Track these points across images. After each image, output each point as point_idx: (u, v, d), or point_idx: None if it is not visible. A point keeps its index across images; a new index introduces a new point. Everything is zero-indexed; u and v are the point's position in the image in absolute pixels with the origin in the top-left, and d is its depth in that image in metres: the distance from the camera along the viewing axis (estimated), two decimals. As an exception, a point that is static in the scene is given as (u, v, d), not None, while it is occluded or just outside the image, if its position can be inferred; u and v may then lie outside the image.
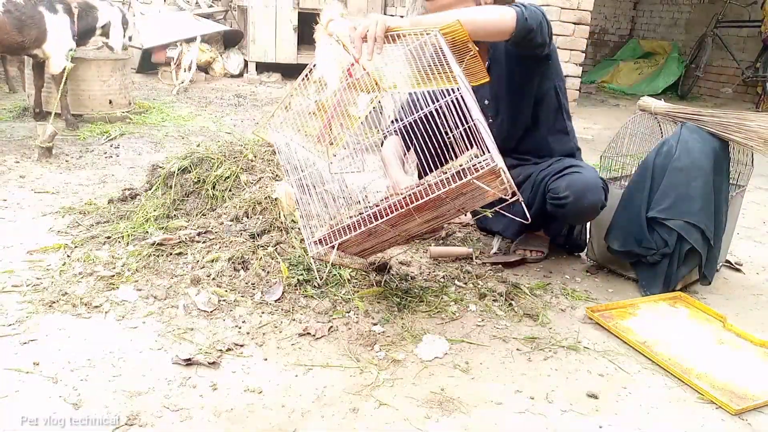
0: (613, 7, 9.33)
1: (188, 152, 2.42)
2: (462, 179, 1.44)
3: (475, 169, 1.43)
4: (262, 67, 6.82)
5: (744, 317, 2.01)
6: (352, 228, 1.57)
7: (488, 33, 1.80)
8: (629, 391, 1.53)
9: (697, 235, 2.01)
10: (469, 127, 1.48)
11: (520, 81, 2.12)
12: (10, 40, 3.25)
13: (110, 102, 4.01)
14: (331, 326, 1.70)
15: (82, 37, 3.67)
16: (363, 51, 1.63)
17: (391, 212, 1.52)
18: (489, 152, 1.42)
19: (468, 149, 1.51)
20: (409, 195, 1.49)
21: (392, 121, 2.18)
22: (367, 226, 1.54)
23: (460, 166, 1.46)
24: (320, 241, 1.63)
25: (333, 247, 1.62)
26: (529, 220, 1.59)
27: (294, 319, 1.72)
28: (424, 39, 1.61)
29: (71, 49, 3.52)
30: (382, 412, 1.37)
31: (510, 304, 1.90)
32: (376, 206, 1.55)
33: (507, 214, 1.71)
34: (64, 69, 3.51)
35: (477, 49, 1.70)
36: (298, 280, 1.88)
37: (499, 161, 1.42)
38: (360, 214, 1.57)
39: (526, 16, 1.79)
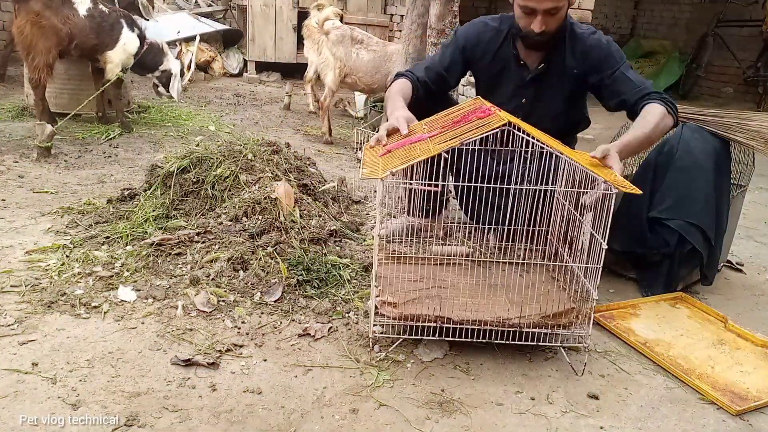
0: (614, 7, 9.31)
1: (187, 152, 2.41)
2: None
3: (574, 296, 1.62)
4: (262, 67, 6.81)
5: (745, 317, 2.00)
6: (431, 314, 1.57)
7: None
8: (630, 392, 1.52)
9: (698, 236, 2.00)
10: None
11: (567, 103, 2.11)
12: (88, 42, 3.56)
13: (109, 102, 4.00)
14: (331, 327, 1.69)
15: (143, 67, 4.03)
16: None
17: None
18: (593, 290, 1.54)
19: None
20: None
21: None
22: (439, 313, 1.57)
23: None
24: (388, 304, 1.61)
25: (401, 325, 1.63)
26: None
27: (293, 320, 1.71)
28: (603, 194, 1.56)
29: (127, 68, 3.89)
30: (382, 413, 1.37)
31: (510, 305, 1.90)
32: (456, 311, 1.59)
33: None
34: (117, 77, 3.86)
35: None
36: (297, 280, 1.88)
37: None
38: (438, 321, 1.57)
39: (677, 118, 1.91)
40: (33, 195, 2.58)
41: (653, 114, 1.84)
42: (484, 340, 1.59)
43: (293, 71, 6.77)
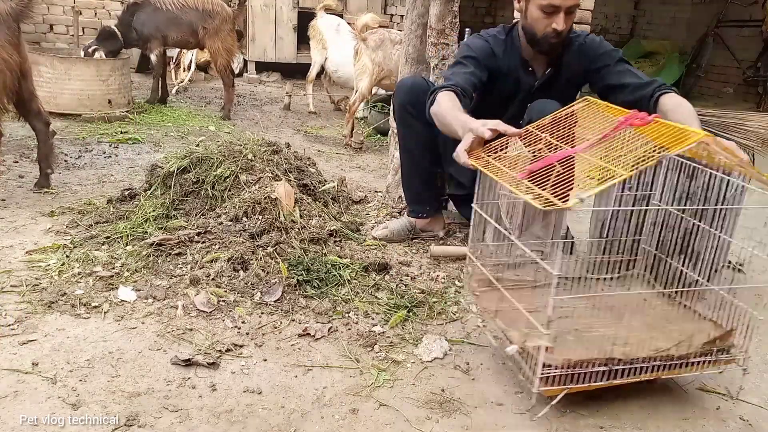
0: (614, 7, 9.31)
1: (187, 152, 2.41)
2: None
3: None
4: (262, 67, 6.81)
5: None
6: (601, 357, 1.34)
7: None
8: (630, 392, 1.52)
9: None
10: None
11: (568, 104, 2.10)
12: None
13: (109, 102, 4.00)
14: (331, 327, 1.69)
15: None
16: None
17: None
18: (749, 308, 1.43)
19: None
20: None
21: None
22: (609, 355, 1.36)
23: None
24: (549, 380, 1.32)
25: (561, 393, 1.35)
26: None
27: (293, 320, 1.72)
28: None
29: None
30: (382, 413, 1.37)
31: (510, 305, 1.90)
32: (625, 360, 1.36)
33: None
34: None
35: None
36: (297, 280, 1.88)
37: None
38: (609, 364, 1.34)
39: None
40: (33, 195, 2.58)
41: (686, 105, 1.86)
42: (651, 376, 1.42)
43: (293, 71, 6.77)
